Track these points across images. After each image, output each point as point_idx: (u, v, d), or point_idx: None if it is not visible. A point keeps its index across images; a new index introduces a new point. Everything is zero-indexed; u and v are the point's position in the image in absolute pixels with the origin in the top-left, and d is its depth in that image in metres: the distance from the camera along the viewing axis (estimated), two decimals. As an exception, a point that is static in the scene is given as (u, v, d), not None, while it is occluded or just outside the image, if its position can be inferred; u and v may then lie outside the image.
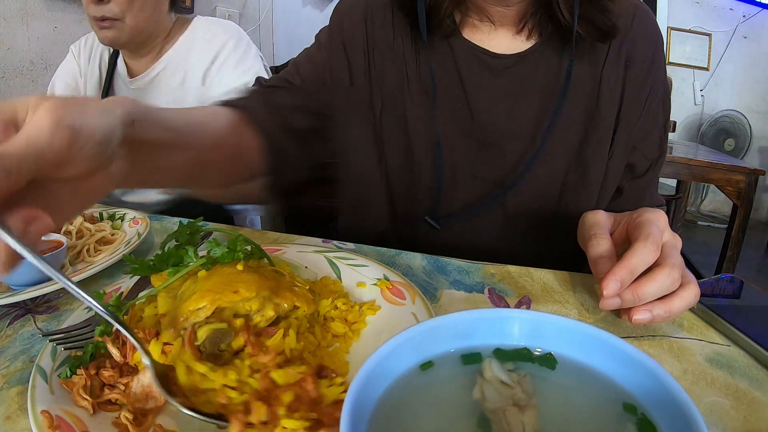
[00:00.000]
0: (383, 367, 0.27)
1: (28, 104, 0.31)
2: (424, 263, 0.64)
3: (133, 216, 0.79)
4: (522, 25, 0.69)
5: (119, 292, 0.50)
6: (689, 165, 2.07)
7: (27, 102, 0.31)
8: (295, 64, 0.79)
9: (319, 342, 0.45)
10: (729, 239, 2.11)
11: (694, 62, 4.00)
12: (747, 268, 3.11)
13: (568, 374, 0.29)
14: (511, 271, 0.62)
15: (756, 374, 0.44)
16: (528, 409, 0.27)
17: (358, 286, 0.55)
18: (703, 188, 4.22)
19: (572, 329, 0.30)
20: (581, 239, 0.57)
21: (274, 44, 2.87)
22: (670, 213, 2.76)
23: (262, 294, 0.42)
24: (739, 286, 0.58)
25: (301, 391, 0.33)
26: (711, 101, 4.06)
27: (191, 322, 0.40)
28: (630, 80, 0.69)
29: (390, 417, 0.26)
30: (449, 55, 0.71)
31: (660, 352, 0.47)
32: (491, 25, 0.70)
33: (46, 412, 0.35)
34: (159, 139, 0.41)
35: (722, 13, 3.90)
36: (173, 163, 0.46)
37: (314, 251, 0.61)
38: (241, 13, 2.68)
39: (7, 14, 1.55)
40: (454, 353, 0.30)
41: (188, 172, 0.52)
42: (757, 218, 3.93)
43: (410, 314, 0.48)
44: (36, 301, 0.57)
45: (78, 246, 0.69)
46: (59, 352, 0.42)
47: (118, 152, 0.35)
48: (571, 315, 0.53)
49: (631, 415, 0.26)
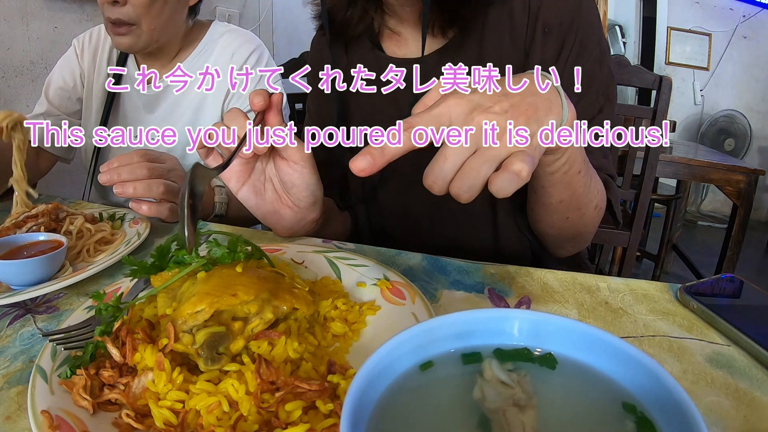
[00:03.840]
0: (383, 367, 0.27)
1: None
2: (424, 263, 0.64)
3: (133, 216, 0.79)
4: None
5: (119, 292, 0.50)
6: (689, 165, 2.07)
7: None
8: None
9: (319, 342, 0.45)
10: (729, 239, 2.11)
11: (694, 62, 4.01)
12: (747, 268, 3.11)
13: (568, 374, 0.29)
14: (511, 271, 0.62)
15: (756, 374, 0.44)
16: (528, 409, 0.27)
17: (358, 286, 0.55)
18: (703, 188, 4.22)
19: (572, 329, 0.30)
20: None
21: (274, 44, 2.87)
22: (670, 213, 2.76)
23: (261, 296, 0.42)
24: (739, 286, 0.58)
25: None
26: (711, 101, 4.06)
27: (189, 325, 0.40)
28: (548, 46, 0.71)
29: (390, 417, 0.26)
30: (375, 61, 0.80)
31: (660, 352, 0.47)
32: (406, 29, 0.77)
33: (46, 412, 0.35)
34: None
35: (722, 13, 3.90)
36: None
37: (314, 251, 0.61)
38: (241, 13, 2.68)
39: (7, 14, 1.55)
40: (454, 353, 0.30)
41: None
42: (757, 218, 3.94)
43: (410, 314, 0.48)
44: (36, 301, 0.57)
45: (78, 246, 0.69)
46: (59, 352, 0.42)
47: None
48: (571, 315, 0.53)
49: (631, 414, 0.26)
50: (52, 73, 1.17)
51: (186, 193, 0.44)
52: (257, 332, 0.41)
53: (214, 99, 1.09)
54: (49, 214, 0.73)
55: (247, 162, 0.63)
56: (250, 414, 0.35)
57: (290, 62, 1.68)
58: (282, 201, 0.66)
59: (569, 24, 0.70)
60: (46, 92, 1.14)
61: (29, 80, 1.64)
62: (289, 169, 0.62)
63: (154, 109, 1.11)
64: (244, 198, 0.65)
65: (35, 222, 0.71)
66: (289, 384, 0.36)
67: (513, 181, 0.41)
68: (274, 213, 0.66)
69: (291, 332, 0.43)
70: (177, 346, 0.39)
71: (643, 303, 0.56)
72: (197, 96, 1.09)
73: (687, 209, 3.46)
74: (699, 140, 4.00)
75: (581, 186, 0.61)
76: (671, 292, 0.58)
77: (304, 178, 0.63)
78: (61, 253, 0.61)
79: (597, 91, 0.72)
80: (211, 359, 0.39)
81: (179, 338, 0.39)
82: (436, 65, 0.75)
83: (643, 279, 0.61)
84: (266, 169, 0.65)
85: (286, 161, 0.62)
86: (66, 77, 1.15)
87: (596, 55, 0.72)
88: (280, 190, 0.66)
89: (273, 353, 0.40)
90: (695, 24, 3.96)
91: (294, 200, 0.65)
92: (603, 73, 0.73)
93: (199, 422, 0.35)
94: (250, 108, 0.58)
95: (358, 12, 0.77)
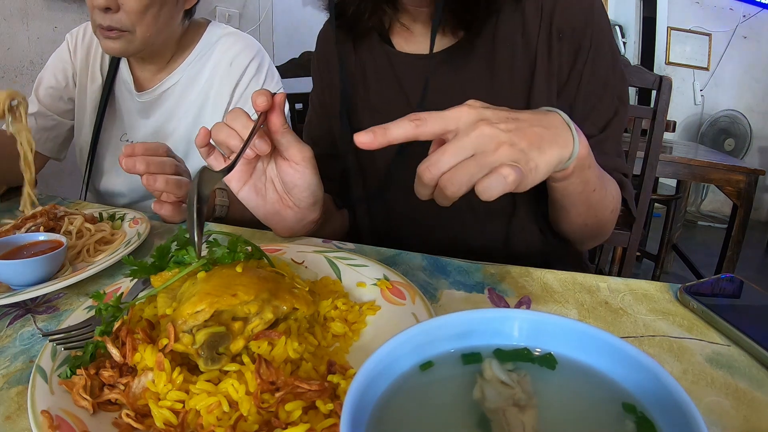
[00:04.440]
0: (383, 367, 0.27)
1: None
2: (424, 263, 0.64)
3: (133, 216, 0.79)
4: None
5: (119, 292, 0.50)
6: (689, 165, 2.07)
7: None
8: (308, 133, 0.93)
9: (319, 342, 0.45)
10: (729, 239, 2.11)
11: (694, 62, 4.01)
12: (747, 268, 3.11)
13: (568, 374, 0.29)
14: (511, 271, 0.62)
15: (756, 374, 0.44)
16: (528, 409, 0.27)
17: (358, 286, 0.55)
18: (703, 188, 4.22)
19: (572, 329, 0.30)
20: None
21: (274, 44, 2.87)
22: (670, 213, 2.76)
23: (261, 296, 0.42)
24: (739, 286, 0.58)
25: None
26: (711, 101, 4.06)
27: (189, 325, 0.40)
28: (563, 51, 0.71)
29: (390, 417, 0.26)
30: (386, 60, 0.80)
31: (660, 352, 0.47)
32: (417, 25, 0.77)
33: (46, 412, 0.35)
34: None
35: (722, 13, 3.90)
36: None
37: (314, 251, 0.61)
38: (241, 13, 2.68)
39: (7, 14, 1.55)
40: (454, 353, 0.30)
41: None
42: (757, 218, 3.94)
43: (410, 314, 0.48)
44: (36, 301, 0.57)
45: (78, 246, 0.69)
46: (59, 352, 0.42)
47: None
48: (571, 315, 0.53)
49: (631, 414, 0.26)
50: (44, 70, 1.12)
51: (195, 197, 0.45)
52: (257, 332, 0.41)
53: (213, 108, 1.05)
54: (47, 213, 0.73)
55: (248, 162, 0.63)
56: (250, 414, 0.35)
57: (290, 62, 1.67)
58: (283, 201, 0.66)
59: (582, 29, 0.71)
60: (37, 91, 1.10)
61: (29, 80, 1.64)
62: (290, 170, 0.62)
63: (149, 115, 1.07)
64: (245, 198, 0.65)
65: (34, 222, 0.71)
66: (289, 384, 0.36)
67: (499, 183, 0.43)
68: (275, 213, 0.66)
69: (291, 332, 0.43)
70: (177, 346, 0.39)
71: (643, 303, 0.56)
72: (195, 104, 1.06)
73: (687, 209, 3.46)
74: (699, 140, 4.00)
75: (597, 200, 0.64)
76: (671, 292, 0.58)
77: (306, 178, 0.63)
78: (61, 253, 0.61)
79: (612, 95, 0.73)
80: (211, 359, 0.39)
81: (179, 338, 0.39)
82: (446, 63, 0.75)
83: (643, 279, 0.61)
84: (267, 169, 0.65)
85: (287, 161, 0.62)
86: (58, 76, 1.10)
87: (609, 60, 0.73)
88: (281, 191, 0.66)
89: (273, 353, 0.40)
90: (695, 24, 3.96)
91: (295, 200, 0.66)
92: (616, 77, 0.74)
93: (199, 422, 0.35)
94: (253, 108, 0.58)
95: (370, 6, 0.76)
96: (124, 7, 0.90)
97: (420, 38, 0.79)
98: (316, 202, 0.67)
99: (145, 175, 0.71)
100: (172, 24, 1.00)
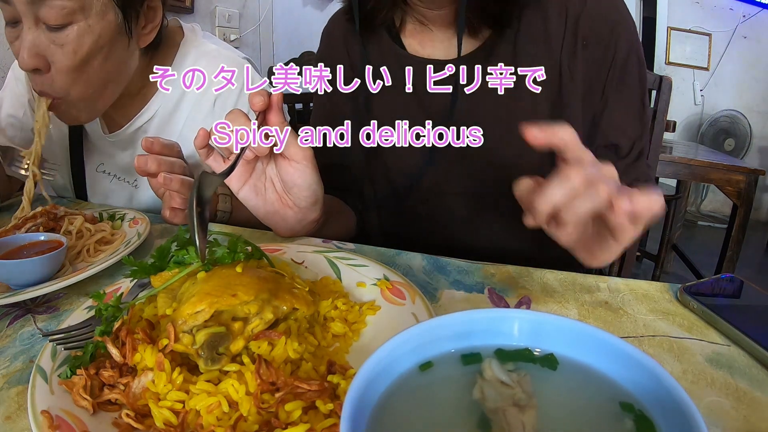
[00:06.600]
0: (383, 368, 0.27)
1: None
2: (424, 263, 0.64)
3: (133, 216, 0.79)
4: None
5: (119, 293, 0.50)
6: (689, 165, 2.07)
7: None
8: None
9: (319, 342, 0.45)
10: (729, 239, 2.11)
11: (694, 62, 4.01)
12: (747, 268, 3.11)
13: (568, 374, 0.29)
14: (511, 271, 0.62)
15: (756, 374, 0.44)
16: (528, 409, 0.27)
17: (358, 286, 0.55)
18: (703, 188, 4.22)
19: (572, 329, 0.30)
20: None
21: (274, 44, 2.87)
22: (670, 213, 2.76)
23: (261, 297, 0.42)
24: (739, 286, 0.58)
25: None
26: (711, 101, 4.06)
27: (189, 325, 0.40)
28: (589, 59, 0.71)
29: (390, 417, 0.26)
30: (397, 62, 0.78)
31: (660, 352, 0.47)
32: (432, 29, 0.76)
33: (46, 412, 0.35)
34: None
35: (722, 13, 3.90)
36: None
37: (314, 251, 0.61)
38: (241, 13, 2.68)
39: (6, 14, 1.55)
40: (454, 353, 0.30)
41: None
42: (757, 218, 3.93)
43: (410, 314, 0.48)
44: (36, 301, 0.57)
45: (78, 246, 0.69)
46: (59, 352, 0.42)
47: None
48: (571, 315, 0.53)
49: (630, 413, 0.26)
50: (2, 90, 0.96)
51: (194, 202, 0.44)
52: (257, 332, 0.41)
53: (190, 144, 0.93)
54: (47, 213, 0.73)
55: (248, 162, 0.63)
56: (250, 414, 0.35)
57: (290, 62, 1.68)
58: (283, 201, 0.66)
59: (608, 41, 0.71)
60: None
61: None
62: (290, 169, 0.62)
63: (127, 147, 0.96)
64: (245, 198, 0.65)
65: (34, 222, 0.71)
66: (289, 384, 0.36)
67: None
68: (275, 213, 0.66)
69: (291, 332, 0.43)
70: (177, 346, 0.39)
71: (643, 303, 0.56)
72: (174, 131, 0.94)
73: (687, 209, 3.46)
74: (699, 140, 4.00)
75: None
76: (671, 292, 0.58)
77: (306, 177, 0.63)
78: (61, 253, 0.61)
79: (636, 106, 0.74)
80: (211, 359, 0.39)
81: (179, 338, 0.39)
82: (467, 67, 0.72)
83: (643, 279, 0.61)
84: (267, 169, 0.65)
85: (287, 161, 0.62)
86: (15, 105, 0.94)
87: (636, 75, 0.73)
88: (281, 190, 0.66)
89: (273, 353, 0.40)
90: (695, 24, 3.96)
91: (295, 200, 0.65)
92: (642, 90, 0.75)
93: (199, 422, 0.35)
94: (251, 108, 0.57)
95: (388, 3, 0.74)
96: (54, 65, 0.72)
97: (436, 42, 0.77)
98: (317, 201, 0.67)
99: (162, 175, 0.68)
100: (126, 69, 0.84)
